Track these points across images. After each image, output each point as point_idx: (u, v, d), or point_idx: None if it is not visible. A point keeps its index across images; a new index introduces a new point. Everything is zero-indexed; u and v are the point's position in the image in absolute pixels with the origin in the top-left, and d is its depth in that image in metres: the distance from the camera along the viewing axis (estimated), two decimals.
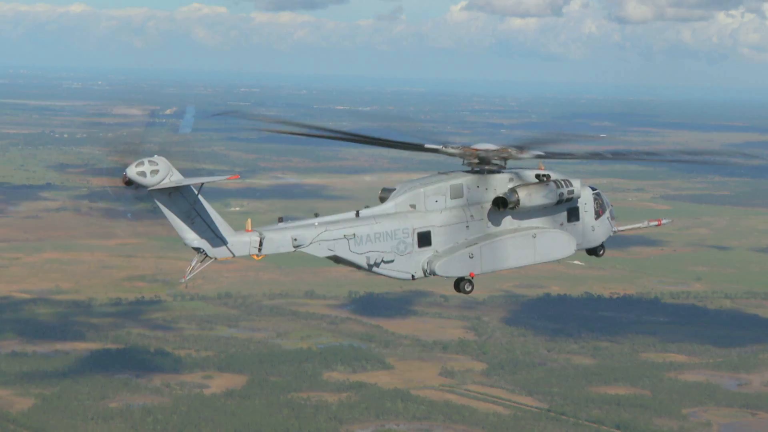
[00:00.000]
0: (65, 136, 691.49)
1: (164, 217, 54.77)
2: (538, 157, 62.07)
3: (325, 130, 61.23)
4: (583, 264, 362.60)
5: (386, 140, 61.19)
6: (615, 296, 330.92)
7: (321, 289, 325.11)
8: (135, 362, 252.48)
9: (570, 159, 64.60)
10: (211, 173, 56.03)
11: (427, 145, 61.69)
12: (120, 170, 53.47)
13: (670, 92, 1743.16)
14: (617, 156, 66.66)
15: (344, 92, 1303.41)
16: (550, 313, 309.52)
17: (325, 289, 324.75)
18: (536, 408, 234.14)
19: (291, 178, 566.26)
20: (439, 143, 62.00)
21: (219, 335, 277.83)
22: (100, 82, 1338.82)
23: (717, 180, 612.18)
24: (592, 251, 67.01)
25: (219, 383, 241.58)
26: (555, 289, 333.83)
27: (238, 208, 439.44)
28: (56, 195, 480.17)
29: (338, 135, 61.23)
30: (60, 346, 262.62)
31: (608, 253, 68.11)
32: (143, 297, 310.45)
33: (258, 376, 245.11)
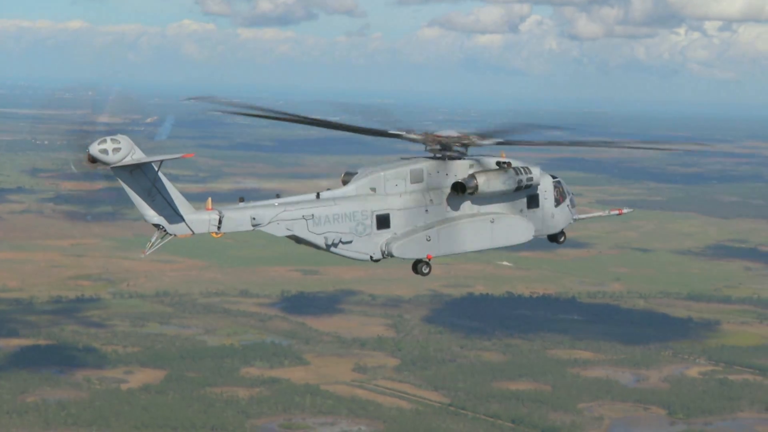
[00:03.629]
0: (45, 142, 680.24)
1: (126, 198, 51.94)
2: (499, 144, 58.80)
3: (290, 115, 56.91)
4: (510, 265, 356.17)
5: (350, 126, 57.44)
6: (535, 295, 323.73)
7: (256, 288, 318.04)
8: (61, 358, 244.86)
9: (530, 146, 61.01)
10: (176, 178, 53.36)
11: (390, 131, 58.03)
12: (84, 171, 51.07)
13: (625, 105, 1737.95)
14: (575, 143, 63.92)
15: (318, 103, 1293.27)
16: (470, 311, 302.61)
17: (259, 288, 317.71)
18: (439, 403, 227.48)
19: (251, 183, 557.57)
20: (402, 130, 58.33)
21: (148, 332, 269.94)
22: (90, 92, 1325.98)
23: (652, 186, 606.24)
24: (553, 238, 63.80)
25: (138, 378, 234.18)
26: (479, 289, 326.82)
27: None
28: (24, 198, 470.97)
29: (303, 119, 56.69)
30: None
31: (535, 254, 62.93)
32: (83, 295, 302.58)
33: (176, 372, 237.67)
